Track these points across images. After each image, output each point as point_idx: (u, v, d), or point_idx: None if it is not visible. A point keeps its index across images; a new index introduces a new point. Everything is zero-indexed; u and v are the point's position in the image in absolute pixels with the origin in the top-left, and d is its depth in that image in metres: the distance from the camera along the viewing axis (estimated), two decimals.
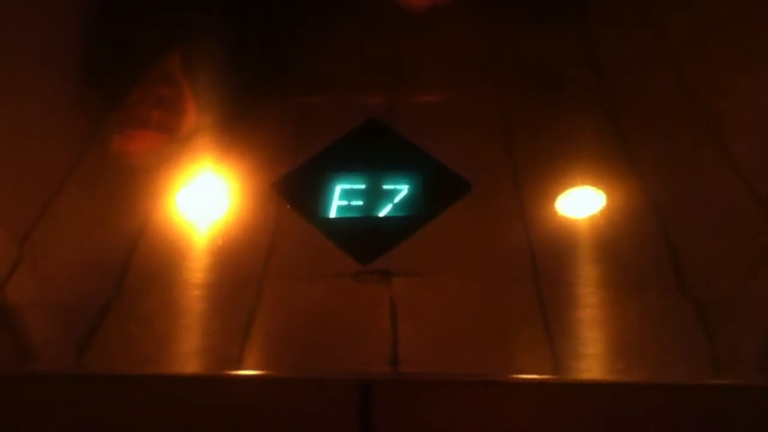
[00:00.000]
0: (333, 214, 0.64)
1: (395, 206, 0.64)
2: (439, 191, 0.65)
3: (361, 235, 0.63)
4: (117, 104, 0.75)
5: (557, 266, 0.60)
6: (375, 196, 0.65)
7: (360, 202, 0.65)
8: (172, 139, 0.72)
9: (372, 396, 0.55)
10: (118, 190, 0.68)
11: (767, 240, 0.61)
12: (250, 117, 0.74)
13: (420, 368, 0.55)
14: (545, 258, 0.60)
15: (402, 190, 0.65)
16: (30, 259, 0.64)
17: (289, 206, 0.66)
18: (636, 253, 0.60)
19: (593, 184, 0.65)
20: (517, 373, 0.55)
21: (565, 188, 0.65)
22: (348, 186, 0.66)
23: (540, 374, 0.55)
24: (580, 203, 0.64)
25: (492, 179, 0.66)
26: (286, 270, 0.62)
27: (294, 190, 0.67)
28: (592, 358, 0.55)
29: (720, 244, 0.60)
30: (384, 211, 0.64)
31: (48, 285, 0.63)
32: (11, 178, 0.69)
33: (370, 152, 0.69)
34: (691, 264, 0.59)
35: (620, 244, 0.61)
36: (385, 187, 0.65)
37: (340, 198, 0.65)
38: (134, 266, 0.62)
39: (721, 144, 0.67)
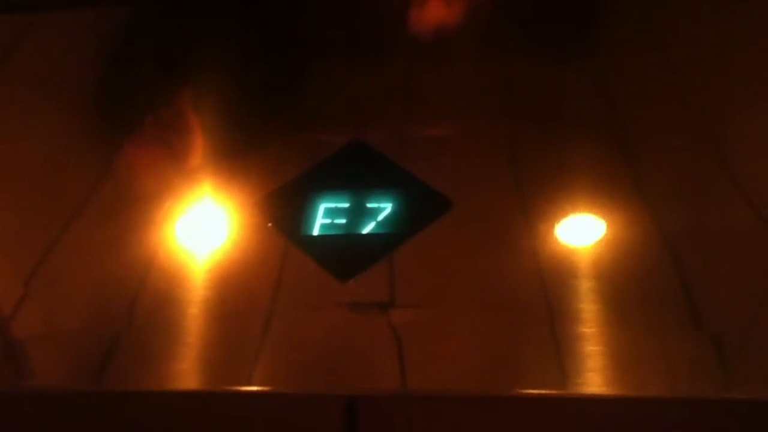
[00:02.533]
0: (316, 231, 0.65)
1: (378, 224, 0.65)
2: (421, 209, 0.65)
3: (341, 252, 0.63)
4: (128, 136, 0.76)
5: (568, 298, 0.59)
6: (358, 214, 0.65)
7: (343, 220, 0.65)
8: (180, 171, 0.72)
9: (358, 412, 0.56)
10: (126, 222, 0.68)
11: None
12: (258, 150, 0.74)
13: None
14: (555, 289, 0.60)
15: (385, 208, 0.65)
16: (39, 290, 0.64)
17: (270, 224, 0.66)
18: (647, 285, 0.59)
19: (602, 215, 0.65)
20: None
21: (574, 219, 0.65)
22: (332, 204, 0.66)
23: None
24: (590, 234, 0.64)
25: (500, 210, 0.66)
26: (295, 300, 0.62)
27: (277, 208, 0.67)
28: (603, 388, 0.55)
29: (733, 275, 0.60)
30: (367, 229, 0.65)
31: (57, 317, 0.63)
32: (21, 212, 0.70)
33: (354, 172, 0.69)
34: (704, 296, 0.58)
35: (631, 276, 0.60)
36: (369, 205, 0.66)
37: (324, 216, 0.66)
38: (143, 298, 0.62)
39: (731, 173, 0.67)
